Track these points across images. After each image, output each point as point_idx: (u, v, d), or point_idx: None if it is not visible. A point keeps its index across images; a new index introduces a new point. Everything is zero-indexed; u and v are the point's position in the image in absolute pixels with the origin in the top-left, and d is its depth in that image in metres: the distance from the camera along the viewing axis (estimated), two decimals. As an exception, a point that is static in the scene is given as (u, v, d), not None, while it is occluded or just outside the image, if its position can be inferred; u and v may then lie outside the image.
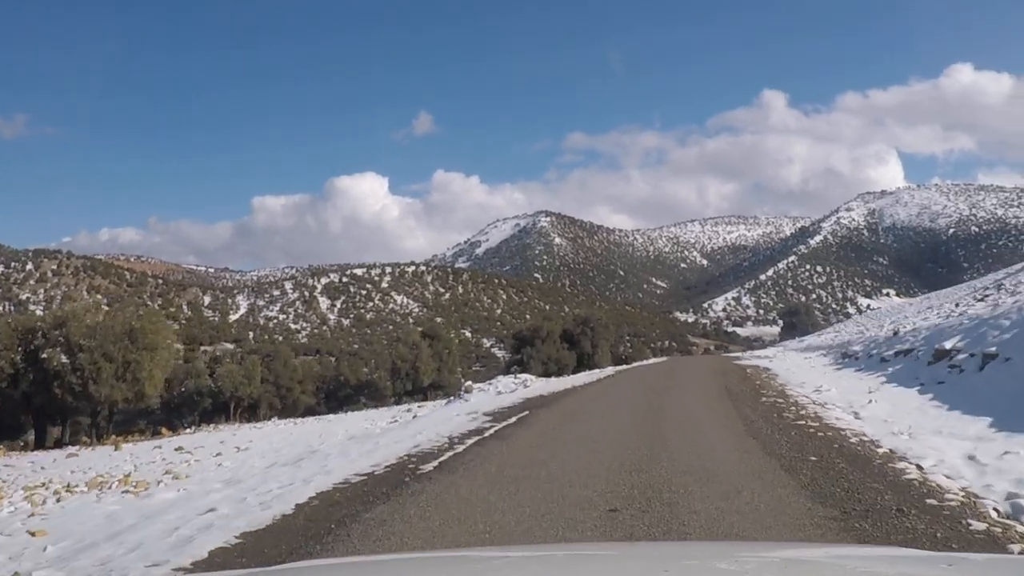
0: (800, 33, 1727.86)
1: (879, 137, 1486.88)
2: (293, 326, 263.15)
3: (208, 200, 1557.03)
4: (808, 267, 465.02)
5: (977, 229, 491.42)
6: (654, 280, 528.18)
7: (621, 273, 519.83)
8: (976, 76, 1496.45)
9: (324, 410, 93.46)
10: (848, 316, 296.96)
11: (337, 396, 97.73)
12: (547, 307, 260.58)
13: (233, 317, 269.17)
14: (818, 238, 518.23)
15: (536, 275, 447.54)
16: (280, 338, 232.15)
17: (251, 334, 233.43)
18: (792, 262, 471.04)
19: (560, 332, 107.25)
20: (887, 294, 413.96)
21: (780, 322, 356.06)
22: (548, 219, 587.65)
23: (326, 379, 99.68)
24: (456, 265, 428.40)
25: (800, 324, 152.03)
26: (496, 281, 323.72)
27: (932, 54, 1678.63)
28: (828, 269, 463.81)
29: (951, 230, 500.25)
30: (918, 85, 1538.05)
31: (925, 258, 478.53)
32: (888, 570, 3.79)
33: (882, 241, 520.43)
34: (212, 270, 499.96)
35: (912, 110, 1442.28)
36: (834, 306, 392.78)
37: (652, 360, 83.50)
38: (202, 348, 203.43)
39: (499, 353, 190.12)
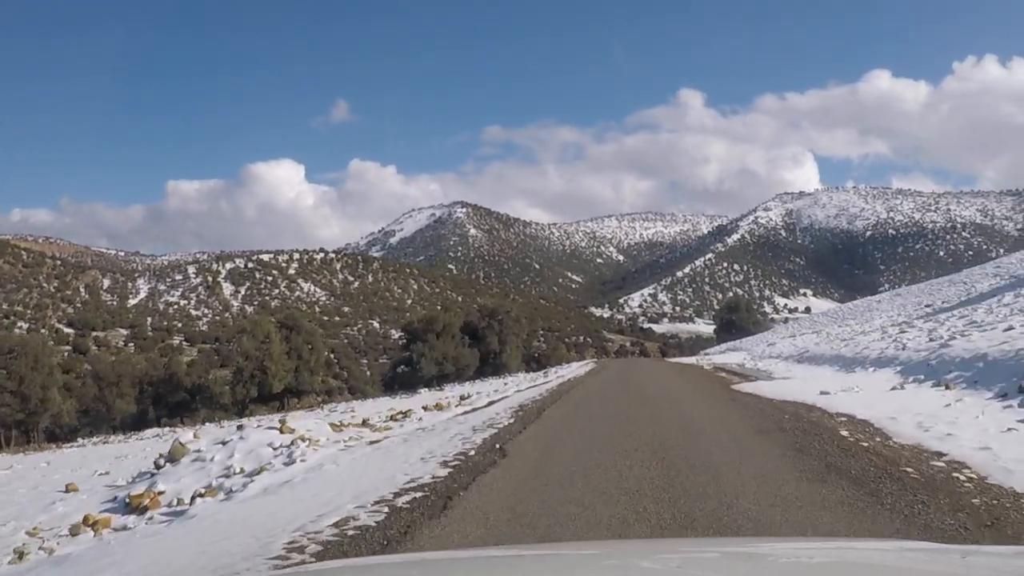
0: (718, 34, 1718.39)
1: (795, 139, 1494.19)
2: (194, 312, 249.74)
3: (122, 183, 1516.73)
4: (725, 265, 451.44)
5: (894, 232, 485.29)
6: (570, 274, 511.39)
7: (536, 267, 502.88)
8: (894, 83, 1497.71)
9: (153, 418, 72.18)
10: (766, 316, 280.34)
11: (167, 402, 73.89)
12: (460, 298, 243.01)
13: (132, 302, 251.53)
14: (736, 236, 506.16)
15: (450, 266, 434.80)
16: (179, 324, 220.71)
17: (149, 320, 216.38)
18: (709, 259, 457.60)
19: (461, 325, 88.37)
20: (804, 294, 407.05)
21: (694, 318, 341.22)
22: (464, 210, 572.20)
23: (154, 380, 75.24)
24: (370, 254, 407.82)
25: (740, 323, 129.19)
26: (408, 271, 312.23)
27: (851, 60, 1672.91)
28: (745, 268, 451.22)
29: (868, 232, 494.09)
30: (836, 89, 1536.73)
31: (842, 259, 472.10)
32: (902, 562, 3.64)
33: (799, 241, 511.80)
34: (123, 253, 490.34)
35: (829, 114, 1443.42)
36: (752, 305, 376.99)
37: (577, 367, 59.08)
38: (94, 334, 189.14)
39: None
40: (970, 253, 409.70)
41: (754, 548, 4.37)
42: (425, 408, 25.80)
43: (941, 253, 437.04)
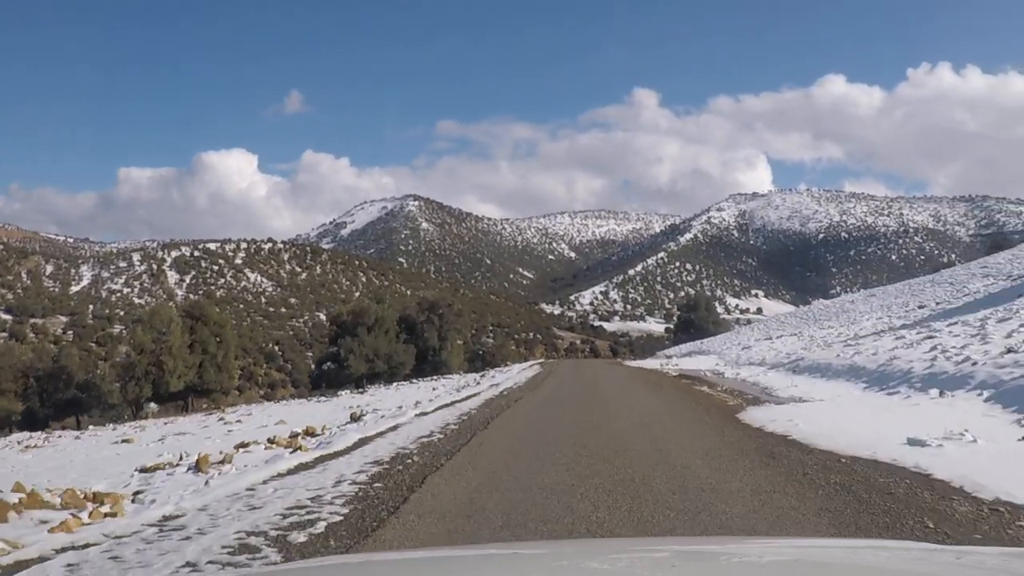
0: (673, 34, 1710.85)
1: (749, 141, 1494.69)
2: (137, 300, 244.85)
3: (73, 169, 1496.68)
4: (677, 264, 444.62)
5: (847, 235, 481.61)
6: (521, 270, 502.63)
7: (488, 262, 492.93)
8: (848, 88, 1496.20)
9: (42, 416, 62.43)
10: (727, 317, 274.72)
11: (54, 399, 63.82)
12: (408, 292, 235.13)
13: (75, 288, 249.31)
14: (688, 236, 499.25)
15: (401, 259, 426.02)
16: (121, 312, 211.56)
17: (90, 307, 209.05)
18: (662, 258, 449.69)
19: (398, 319, 79.51)
20: (756, 295, 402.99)
21: (645, 317, 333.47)
22: (416, 203, 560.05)
23: (41, 375, 65.01)
24: (320, 246, 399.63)
25: (700, 322, 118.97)
26: (357, 263, 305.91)
27: (806, 63, 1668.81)
28: (697, 267, 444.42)
29: (821, 235, 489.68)
30: (790, 93, 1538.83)
31: (794, 261, 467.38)
32: (897, 563, 3.59)
33: (752, 242, 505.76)
34: (71, 240, 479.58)
35: (783, 117, 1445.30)
36: (712, 304, 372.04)
37: (519, 371, 48.54)
38: (32, 321, 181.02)
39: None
40: (922, 258, 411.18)
41: (708, 547, 4.24)
42: (272, 443, 16.59)
43: (893, 257, 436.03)
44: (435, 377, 58.41)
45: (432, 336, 76.28)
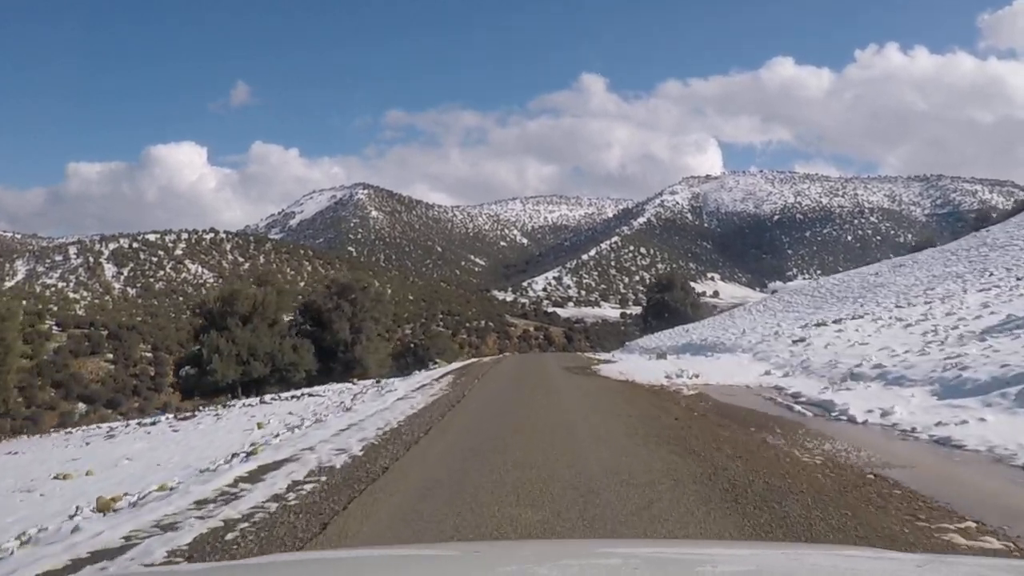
0: (620, 18, 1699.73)
1: (699, 125, 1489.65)
2: (72, 295, 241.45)
3: (21, 164, 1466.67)
4: (632, 248, 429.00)
5: (801, 216, 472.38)
6: (473, 258, 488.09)
7: (439, 249, 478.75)
8: (797, 70, 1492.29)
9: None
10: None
11: None
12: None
13: (8, 284, 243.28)
14: (641, 220, 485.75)
15: (350, 248, 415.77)
16: (54, 307, 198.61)
17: (23, 303, 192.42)
18: (615, 243, 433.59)
19: (301, 307, 61.88)
20: (711, 278, 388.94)
21: (599, 302, 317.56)
22: (366, 192, 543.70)
23: None
24: (268, 236, 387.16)
25: (675, 304, 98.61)
26: (302, 252, 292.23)
27: (754, 46, 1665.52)
28: (652, 251, 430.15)
29: (776, 217, 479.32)
30: (739, 76, 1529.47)
31: (749, 243, 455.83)
32: (859, 570, 3.56)
33: (706, 225, 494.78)
34: (19, 236, 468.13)
35: (732, 100, 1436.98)
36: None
37: (408, 391, 26.44)
38: None
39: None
40: (878, 238, 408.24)
41: (665, 552, 4.16)
42: None
43: (849, 237, 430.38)
44: (309, 392, 38.82)
45: (343, 328, 58.87)
